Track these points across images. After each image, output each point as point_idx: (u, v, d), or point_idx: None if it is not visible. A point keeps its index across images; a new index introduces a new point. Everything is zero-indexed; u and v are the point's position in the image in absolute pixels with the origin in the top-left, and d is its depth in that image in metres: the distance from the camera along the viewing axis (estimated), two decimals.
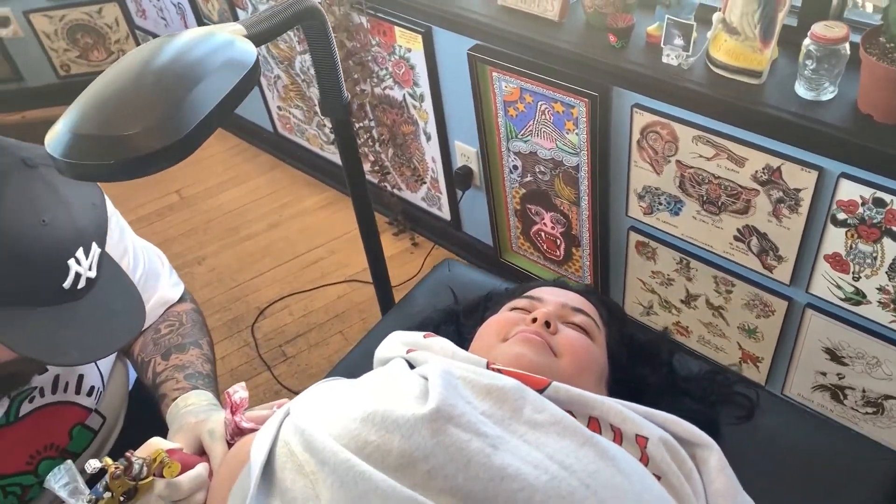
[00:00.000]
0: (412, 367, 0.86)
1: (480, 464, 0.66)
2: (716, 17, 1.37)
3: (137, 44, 3.10)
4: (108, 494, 0.76)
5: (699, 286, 1.70)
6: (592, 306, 0.97)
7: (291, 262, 2.47)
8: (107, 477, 0.76)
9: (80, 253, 0.80)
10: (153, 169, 0.68)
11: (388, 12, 1.90)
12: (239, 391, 0.93)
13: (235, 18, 2.46)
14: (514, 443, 0.70)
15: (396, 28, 1.90)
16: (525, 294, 0.99)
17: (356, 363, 1.19)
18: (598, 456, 0.70)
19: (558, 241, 1.95)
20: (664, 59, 1.44)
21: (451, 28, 1.76)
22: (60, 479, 0.78)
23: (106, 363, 1.12)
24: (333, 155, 2.58)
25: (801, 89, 1.31)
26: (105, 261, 0.87)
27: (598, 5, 1.53)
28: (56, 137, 0.67)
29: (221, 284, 2.38)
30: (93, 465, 0.76)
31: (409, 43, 1.90)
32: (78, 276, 0.80)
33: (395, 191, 2.40)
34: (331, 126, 2.40)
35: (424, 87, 1.96)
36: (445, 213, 2.28)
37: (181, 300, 1.20)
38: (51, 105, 3.20)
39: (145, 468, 0.78)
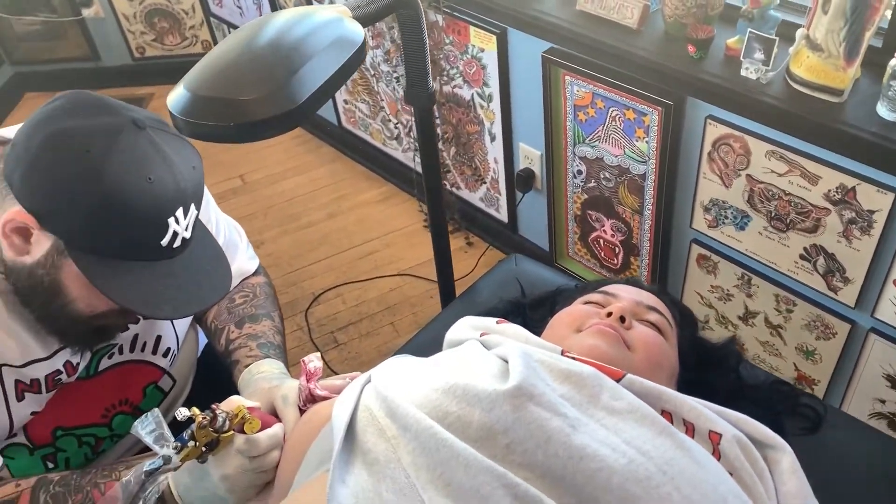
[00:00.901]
0: (486, 349, 0.87)
1: (560, 442, 0.68)
2: (799, 33, 1.37)
3: (211, 31, 3.19)
4: (192, 443, 0.80)
5: (759, 303, 1.69)
6: (665, 306, 0.98)
7: (347, 252, 2.51)
8: (194, 426, 0.79)
9: (179, 212, 0.83)
10: (264, 135, 0.72)
11: (464, 12, 1.93)
12: (314, 360, 0.96)
13: None
14: (591, 426, 0.71)
15: (471, 28, 1.93)
16: (599, 290, 1.00)
17: (418, 350, 1.21)
18: (674, 445, 0.71)
19: (617, 250, 1.96)
20: (742, 73, 1.44)
21: (527, 30, 1.79)
22: (147, 426, 0.81)
23: (182, 327, 1.16)
24: (395, 150, 2.62)
25: (883, 110, 1.30)
26: (198, 224, 0.91)
27: (678, 15, 1.54)
28: (177, 97, 0.71)
29: (278, 269, 2.43)
30: (182, 412, 0.79)
31: (482, 43, 1.93)
32: (175, 234, 0.84)
33: (454, 189, 2.43)
34: (395, 121, 2.44)
35: (494, 88, 1.99)
36: (503, 215, 2.30)
37: (255, 273, 1.24)
38: (124, 85, 3.31)
39: (228, 422, 0.82)
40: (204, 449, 0.81)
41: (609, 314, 0.91)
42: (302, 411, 0.94)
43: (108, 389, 1.07)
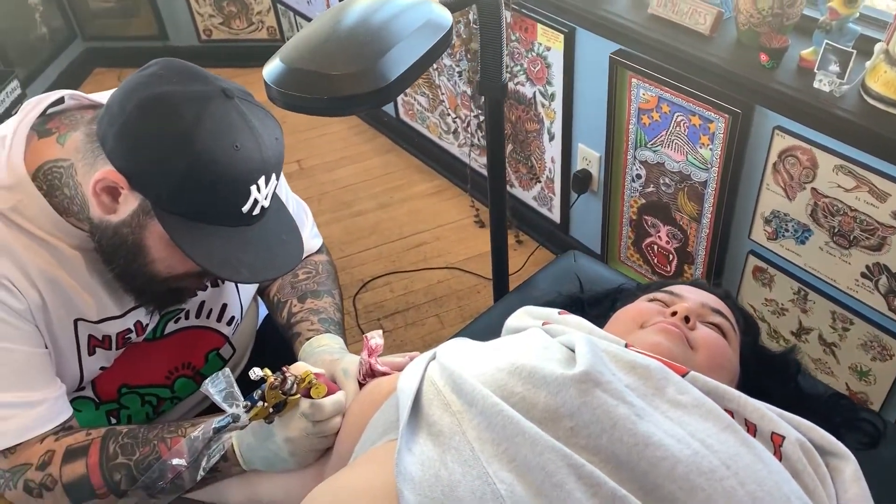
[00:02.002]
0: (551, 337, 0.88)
1: (626, 428, 0.69)
2: (878, 47, 1.35)
3: (277, 18, 3.24)
4: (261, 404, 0.82)
5: (814, 320, 1.67)
6: (729, 310, 0.98)
7: (396, 242, 2.54)
8: (265, 386, 0.81)
9: (261, 181, 0.85)
10: (353, 110, 0.74)
11: (532, 9, 1.93)
12: (376, 337, 0.98)
13: None
14: (656, 416, 0.72)
15: (539, 26, 1.93)
16: (664, 289, 1.00)
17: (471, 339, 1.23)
18: (738, 442, 0.71)
19: (671, 257, 1.95)
20: (815, 85, 1.42)
21: (596, 31, 1.79)
22: (218, 385, 0.84)
23: (247, 297, 1.19)
24: (451, 145, 2.64)
25: None
26: (275, 196, 0.93)
27: (753, 23, 1.52)
28: (274, 69, 0.73)
29: None
30: (256, 372, 0.82)
31: (549, 41, 1.93)
32: (255, 202, 0.86)
33: (508, 187, 2.44)
34: (454, 115, 2.46)
35: (557, 87, 1.99)
36: (555, 215, 2.30)
37: (318, 251, 1.27)
38: None
39: (296, 385, 0.84)
40: (272, 410, 0.83)
41: (673, 313, 0.91)
42: (361, 385, 0.96)
43: (172, 352, 1.11)
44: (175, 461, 0.87)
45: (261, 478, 0.91)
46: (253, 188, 0.85)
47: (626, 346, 0.84)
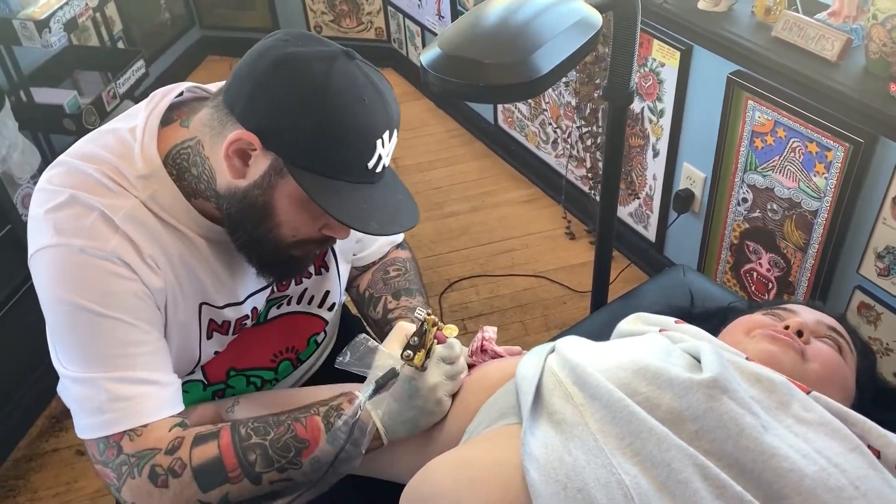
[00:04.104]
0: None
1: (752, 437, 0.69)
2: None
3: (386, 20, 3.32)
4: (408, 353, 0.87)
5: None
6: (845, 331, 0.96)
7: (485, 246, 2.56)
8: (426, 326, 0.85)
9: (385, 135, 0.87)
10: (504, 99, 0.77)
11: (650, 25, 1.93)
12: (489, 331, 1.01)
13: None
14: (780, 430, 0.71)
15: (655, 41, 1.93)
16: (779, 306, 0.99)
17: None
18: (867, 464, 0.70)
19: (770, 285, 1.90)
20: None
21: (715, 50, 1.77)
22: (355, 353, 0.88)
23: (344, 284, 1.22)
24: (548, 155, 2.65)
25: None
26: (389, 167, 0.95)
27: (885, 53, 1.48)
28: (431, 54, 0.76)
29: (418, 252, 2.51)
30: (421, 311, 0.86)
31: (664, 58, 1.92)
32: (379, 158, 0.88)
33: None
34: (554, 125, 2.46)
35: (667, 104, 1.98)
36: (650, 234, 2.28)
37: (401, 246, 1.30)
38: None
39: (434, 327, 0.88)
40: (426, 356, 0.87)
41: (786, 326, 0.90)
42: (469, 367, 0.99)
43: (277, 336, 1.14)
44: (345, 418, 0.88)
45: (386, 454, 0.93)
46: (378, 143, 0.86)
47: (747, 358, 0.83)
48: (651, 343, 0.86)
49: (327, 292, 1.17)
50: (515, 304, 2.34)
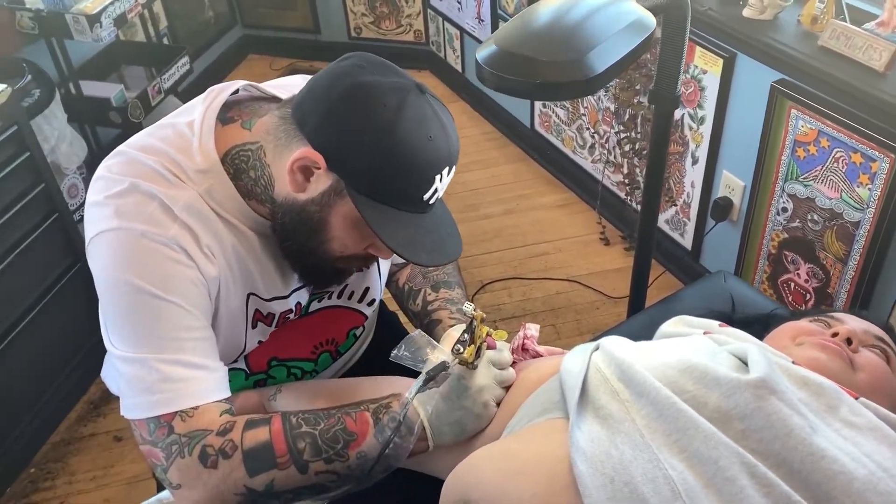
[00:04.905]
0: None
1: (801, 438, 0.69)
2: None
3: (426, 23, 3.35)
4: (458, 347, 0.87)
5: None
6: (892, 341, 0.96)
7: (519, 249, 2.57)
8: (475, 323, 0.87)
9: (444, 171, 0.90)
10: (558, 96, 0.78)
11: (693, 31, 1.92)
12: (532, 329, 1.02)
13: None
14: (829, 433, 0.71)
15: (698, 48, 1.92)
16: (825, 314, 0.99)
17: None
18: None
19: (808, 296, 1.89)
20: None
21: (759, 58, 1.76)
22: (410, 347, 0.89)
23: (384, 281, 1.24)
24: (584, 160, 2.65)
25: None
26: None
27: None
28: (487, 51, 0.78)
29: None
30: (468, 307, 0.87)
31: (706, 65, 1.92)
32: (435, 191, 0.91)
33: (639, 207, 2.42)
34: (592, 130, 2.46)
35: (708, 111, 1.97)
36: (686, 241, 2.27)
37: None
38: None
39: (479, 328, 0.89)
40: (476, 353, 0.88)
41: (834, 334, 0.90)
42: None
43: (317, 329, 1.16)
44: (393, 413, 0.89)
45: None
46: (437, 178, 0.89)
47: (792, 362, 0.83)
48: (696, 344, 0.86)
49: (367, 288, 1.18)
50: (548, 307, 2.34)
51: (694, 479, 0.66)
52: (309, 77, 1.09)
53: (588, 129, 2.54)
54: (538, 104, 2.79)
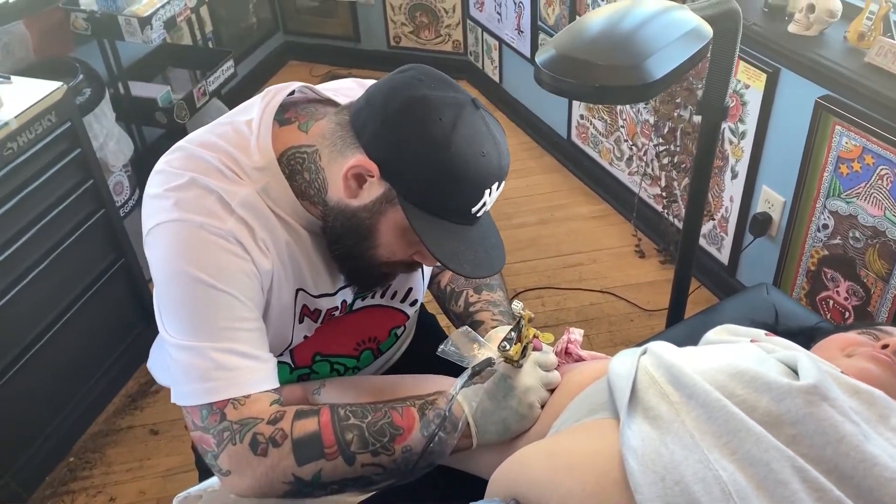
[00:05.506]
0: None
1: (853, 445, 0.69)
2: None
3: (465, 34, 3.38)
4: (504, 345, 0.89)
5: None
6: None
7: (553, 258, 2.57)
8: (522, 322, 0.88)
9: (494, 186, 0.92)
10: (615, 100, 0.79)
11: None
12: (576, 334, 1.03)
13: None
14: (881, 441, 0.72)
15: (742, 63, 1.92)
16: (873, 327, 0.98)
17: None
18: None
19: (847, 314, 1.87)
20: None
21: (804, 73, 1.76)
22: (460, 341, 0.91)
23: (426, 282, 1.25)
24: (620, 172, 2.65)
25: None
26: None
27: None
28: (546, 55, 0.79)
29: None
30: (518, 307, 0.88)
31: (749, 79, 1.92)
32: (484, 204, 0.92)
33: (676, 220, 2.42)
34: (630, 142, 2.47)
35: (750, 126, 1.97)
36: (723, 256, 2.26)
37: None
38: (376, 69, 3.59)
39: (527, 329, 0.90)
40: (521, 352, 0.89)
41: (884, 346, 0.90)
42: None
43: (360, 326, 1.18)
44: (437, 410, 0.91)
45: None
46: (486, 192, 0.91)
47: (841, 371, 0.83)
48: (744, 351, 0.87)
49: (410, 289, 1.20)
50: (581, 318, 2.34)
51: (745, 481, 0.67)
52: (360, 81, 1.12)
53: (626, 140, 2.55)
54: (575, 115, 2.80)
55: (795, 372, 0.80)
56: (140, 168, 2.39)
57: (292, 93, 1.04)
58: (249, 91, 3.37)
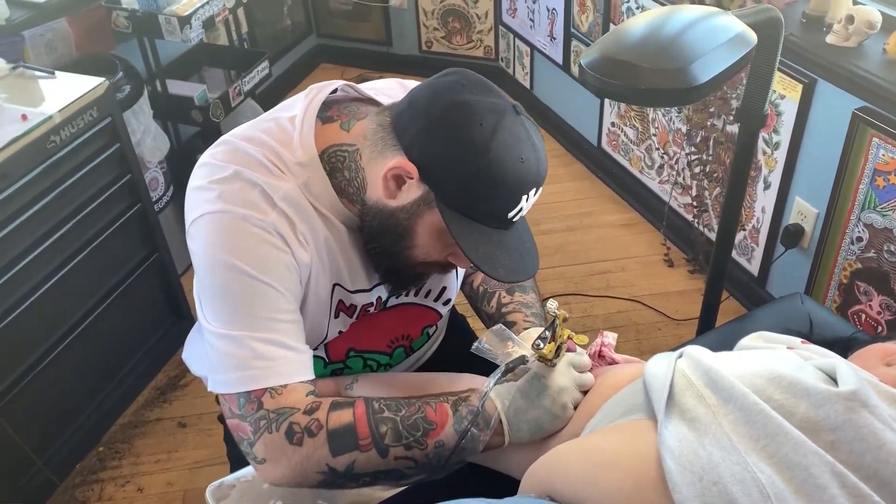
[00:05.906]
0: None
1: (893, 452, 0.69)
2: None
3: (496, 40, 3.39)
4: (538, 343, 0.89)
5: None
6: None
7: (580, 265, 2.57)
8: (557, 322, 0.88)
9: (532, 192, 0.93)
10: (659, 103, 0.80)
11: None
12: (609, 337, 1.04)
13: (606, 32, 2.61)
14: None
15: (778, 73, 1.91)
16: None
17: None
18: None
19: (879, 329, 1.85)
20: None
21: (841, 85, 1.75)
22: (492, 340, 0.91)
23: (459, 282, 1.26)
24: (651, 180, 2.65)
25: None
26: None
27: None
28: (591, 56, 0.80)
29: None
30: (553, 306, 0.89)
31: (785, 90, 1.91)
32: (521, 210, 0.93)
33: (706, 230, 2.41)
34: (661, 151, 2.46)
35: (784, 136, 1.96)
36: (753, 267, 2.24)
37: None
38: (407, 74, 3.60)
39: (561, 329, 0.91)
40: (555, 352, 0.89)
41: None
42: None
43: (395, 323, 1.19)
44: (470, 407, 0.91)
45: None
46: (524, 198, 0.92)
47: (880, 381, 0.83)
48: (781, 357, 0.86)
49: (444, 288, 1.21)
50: (608, 325, 2.33)
51: (783, 484, 0.67)
52: (402, 81, 1.13)
53: (657, 149, 2.54)
54: (606, 123, 2.80)
55: (833, 380, 0.79)
56: (175, 165, 2.43)
57: (335, 91, 1.06)
58: (282, 92, 3.41)
